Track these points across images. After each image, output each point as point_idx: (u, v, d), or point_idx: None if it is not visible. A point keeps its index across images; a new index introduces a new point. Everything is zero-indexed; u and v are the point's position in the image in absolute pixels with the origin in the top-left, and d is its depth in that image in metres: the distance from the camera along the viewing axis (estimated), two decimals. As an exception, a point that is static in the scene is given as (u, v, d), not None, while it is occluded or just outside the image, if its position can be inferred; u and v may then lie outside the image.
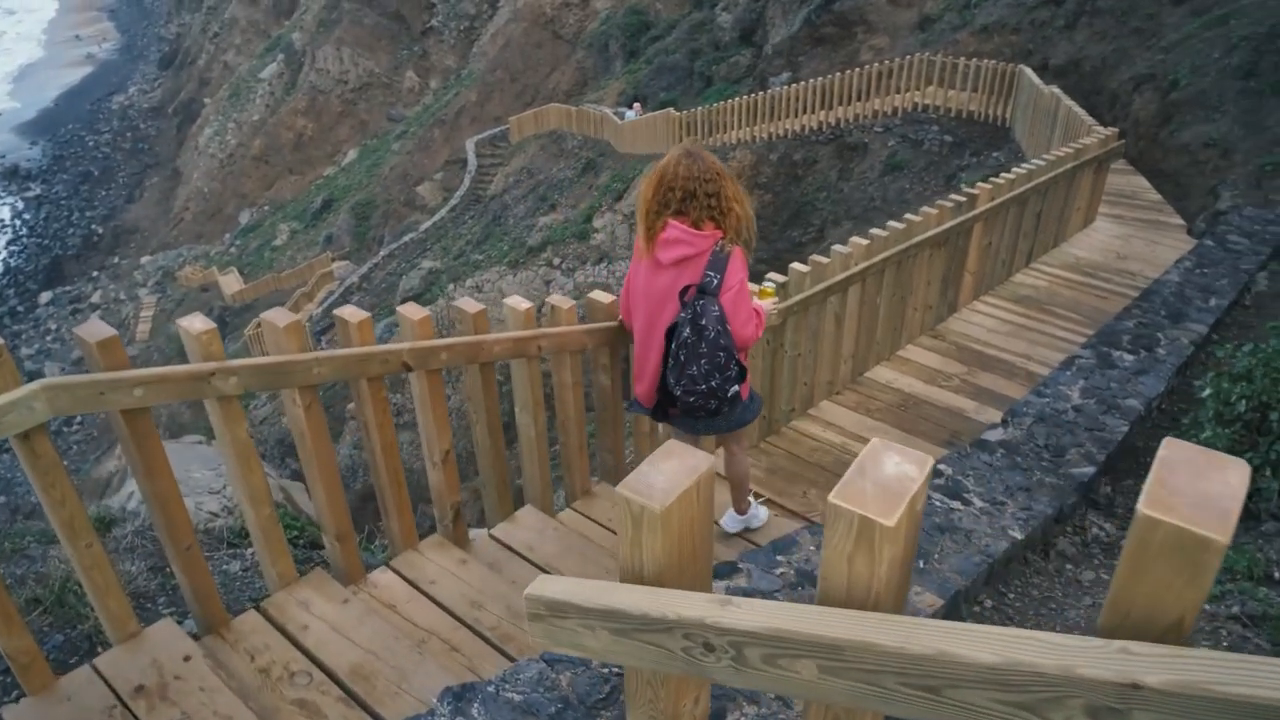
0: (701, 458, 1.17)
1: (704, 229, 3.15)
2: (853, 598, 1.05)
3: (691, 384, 3.20)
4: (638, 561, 1.15)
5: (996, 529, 3.44)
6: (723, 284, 3.15)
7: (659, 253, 3.20)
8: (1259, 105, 9.05)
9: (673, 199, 3.13)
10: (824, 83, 15.43)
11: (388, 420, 3.26)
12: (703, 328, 3.12)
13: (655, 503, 1.07)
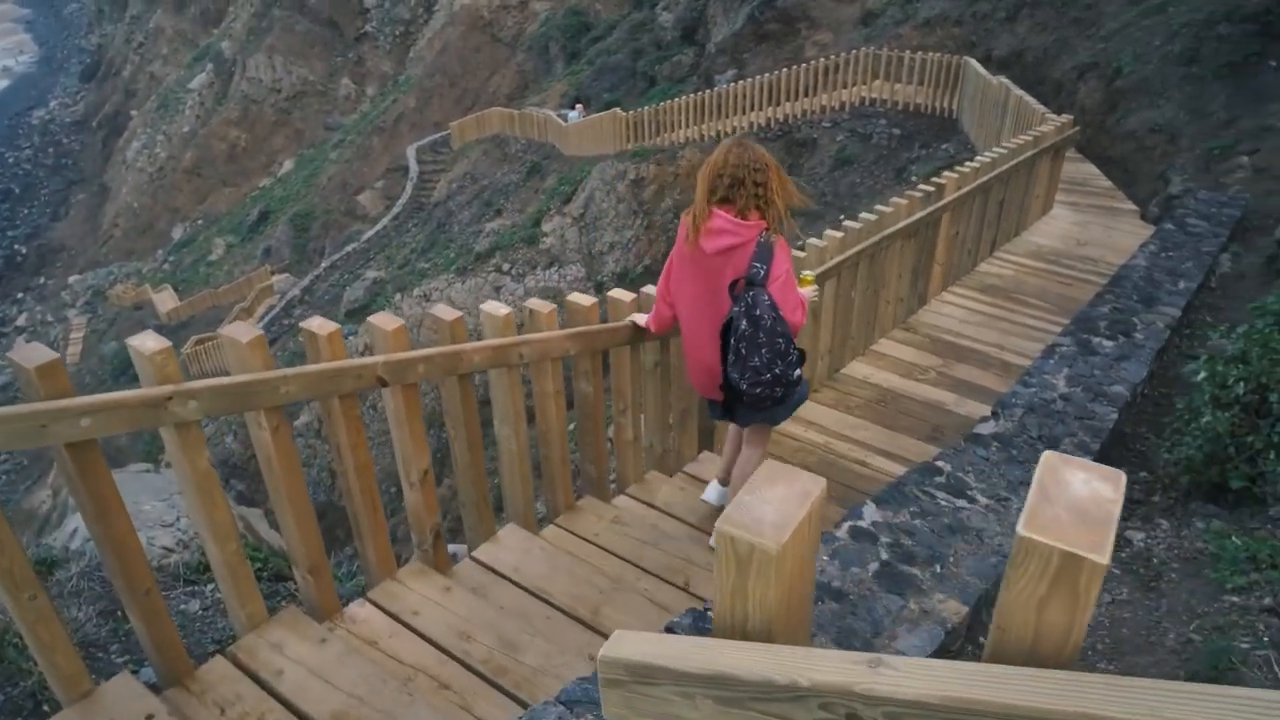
0: (810, 479, 0.98)
1: (749, 218, 3.15)
2: (1040, 653, 0.86)
3: (756, 375, 3.21)
4: (742, 612, 0.95)
5: (1006, 526, 3.30)
6: (769, 274, 3.17)
7: (704, 242, 3.19)
8: (1202, 91, 9.18)
9: (720, 185, 3.16)
10: (771, 79, 15.39)
11: (362, 441, 3.01)
12: (758, 318, 3.13)
13: (769, 540, 0.88)
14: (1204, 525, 3.53)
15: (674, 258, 3.47)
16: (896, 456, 4.98)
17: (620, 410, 4.15)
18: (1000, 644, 0.89)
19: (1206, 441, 3.59)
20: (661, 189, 16.64)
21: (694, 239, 3.24)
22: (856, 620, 2.55)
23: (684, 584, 3.61)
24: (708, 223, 3.18)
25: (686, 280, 3.40)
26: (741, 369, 3.22)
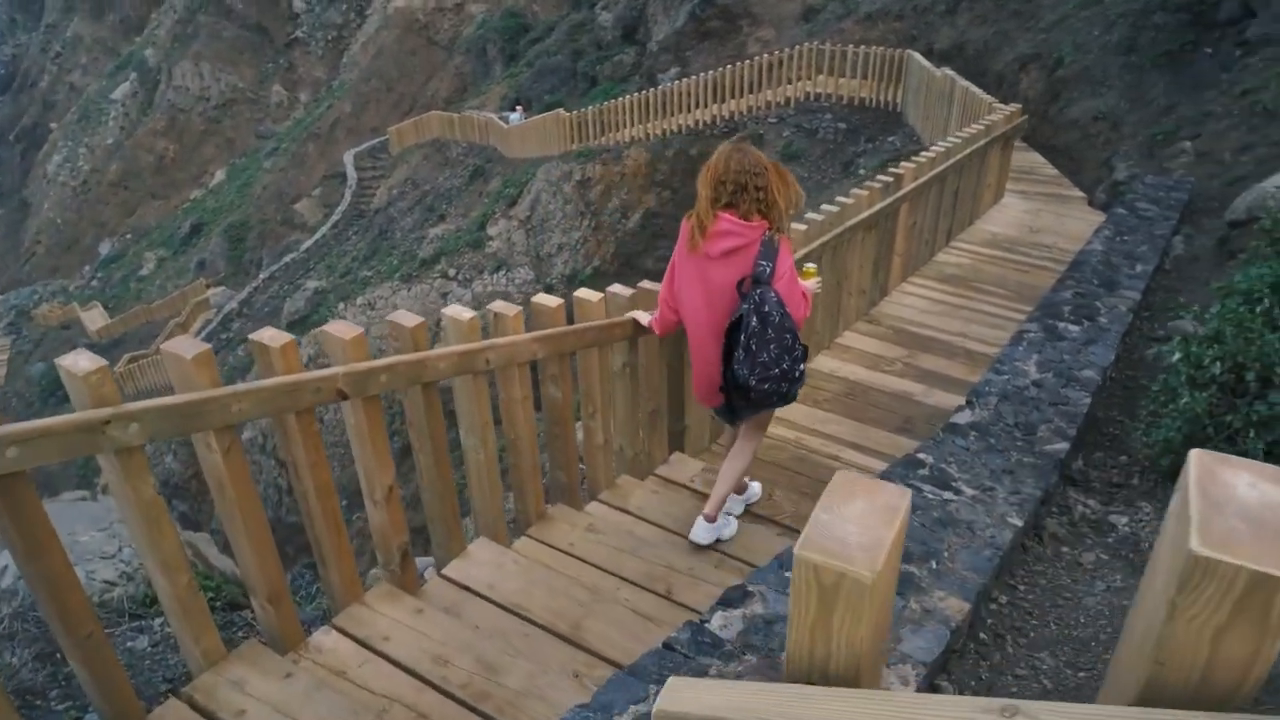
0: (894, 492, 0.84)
1: (752, 220, 3.22)
2: (1211, 692, 0.73)
3: (765, 371, 3.25)
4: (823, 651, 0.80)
5: (995, 517, 3.22)
6: (775, 271, 3.24)
7: (709, 245, 3.27)
8: (1141, 79, 9.33)
9: (724, 192, 3.22)
10: (715, 76, 15.34)
11: (322, 459, 2.80)
12: (766, 314, 3.21)
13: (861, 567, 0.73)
14: (1188, 508, 3.51)
15: (676, 261, 3.50)
16: (868, 450, 4.91)
17: (589, 414, 3.99)
18: (1158, 679, 0.75)
19: (1185, 423, 3.55)
20: (608, 189, 16.49)
21: (699, 243, 3.29)
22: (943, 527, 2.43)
23: (666, 592, 3.46)
24: (713, 226, 3.24)
25: (691, 283, 3.43)
26: (751, 365, 3.25)
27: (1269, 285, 3.83)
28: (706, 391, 3.59)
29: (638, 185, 16.28)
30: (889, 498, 0.82)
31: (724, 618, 2.36)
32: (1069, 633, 2.74)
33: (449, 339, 3.21)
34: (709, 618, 2.37)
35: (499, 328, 3.35)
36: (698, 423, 4.77)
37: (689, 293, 3.46)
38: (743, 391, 3.34)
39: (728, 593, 2.49)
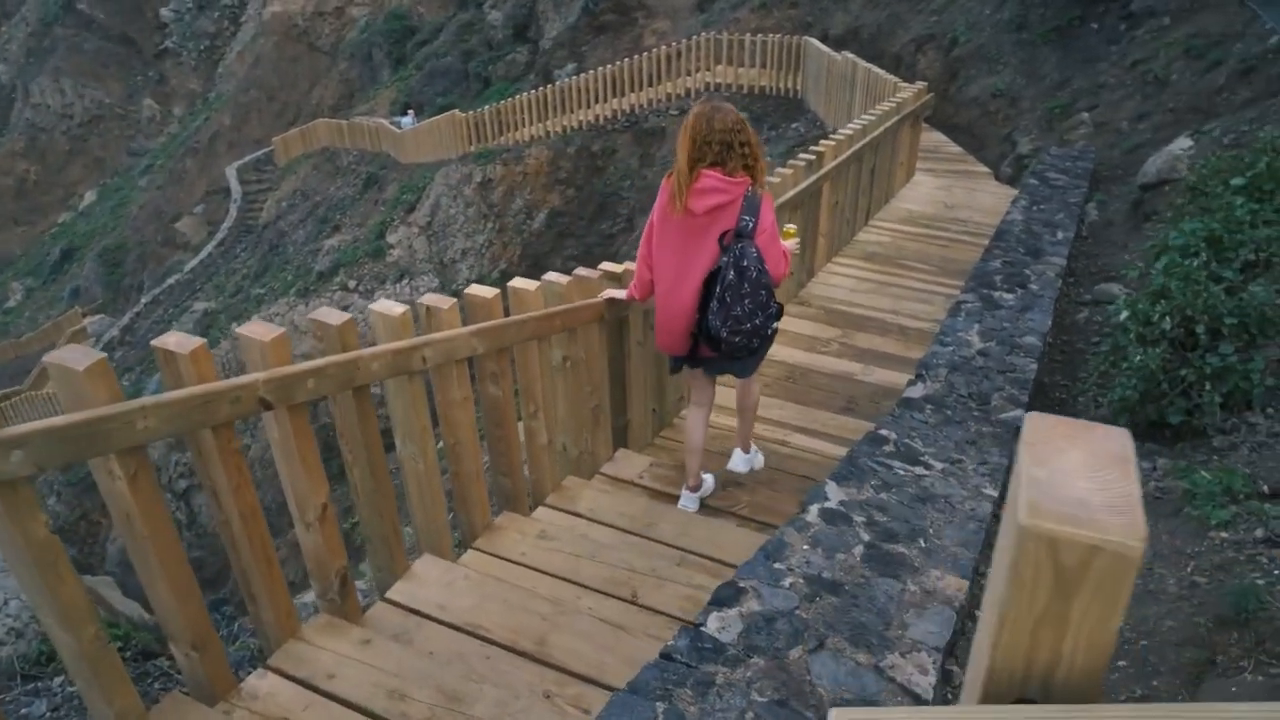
0: (1114, 434, 0.64)
1: (736, 177, 3.25)
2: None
3: (737, 324, 3.30)
4: (1051, 654, 0.57)
5: (970, 489, 3.11)
6: (757, 226, 3.29)
7: (693, 202, 3.26)
8: (1034, 55, 9.57)
9: (709, 152, 3.22)
10: (613, 70, 15.16)
11: (246, 479, 2.46)
12: (744, 269, 3.24)
13: (1122, 537, 0.53)
14: (1149, 465, 3.47)
15: (655, 222, 3.49)
16: (815, 432, 4.78)
17: (531, 413, 3.72)
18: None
19: (1140, 380, 3.53)
20: (511, 189, 16.13)
21: (682, 202, 3.29)
22: (861, 612, 2.25)
23: (631, 596, 3.23)
24: (696, 184, 3.24)
25: (671, 241, 3.44)
26: (724, 317, 3.31)
27: (1203, 239, 3.85)
28: (671, 340, 3.62)
29: (541, 184, 15.97)
30: (1112, 443, 0.62)
31: (720, 619, 2.15)
32: (1065, 602, 2.63)
33: (379, 337, 2.90)
34: (704, 620, 2.15)
35: (433, 322, 3.06)
36: (640, 417, 4.56)
37: (668, 250, 3.46)
38: (714, 342, 3.42)
39: (719, 591, 2.27)
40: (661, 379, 4.66)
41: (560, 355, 3.79)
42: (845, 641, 2.11)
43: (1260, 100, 6.31)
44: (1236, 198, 3.96)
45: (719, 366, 3.69)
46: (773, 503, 4.05)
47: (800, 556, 2.50)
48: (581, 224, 15.70)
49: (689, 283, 3.41)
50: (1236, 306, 3.31)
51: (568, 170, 15.69)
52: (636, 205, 15.06)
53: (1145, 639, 2.31)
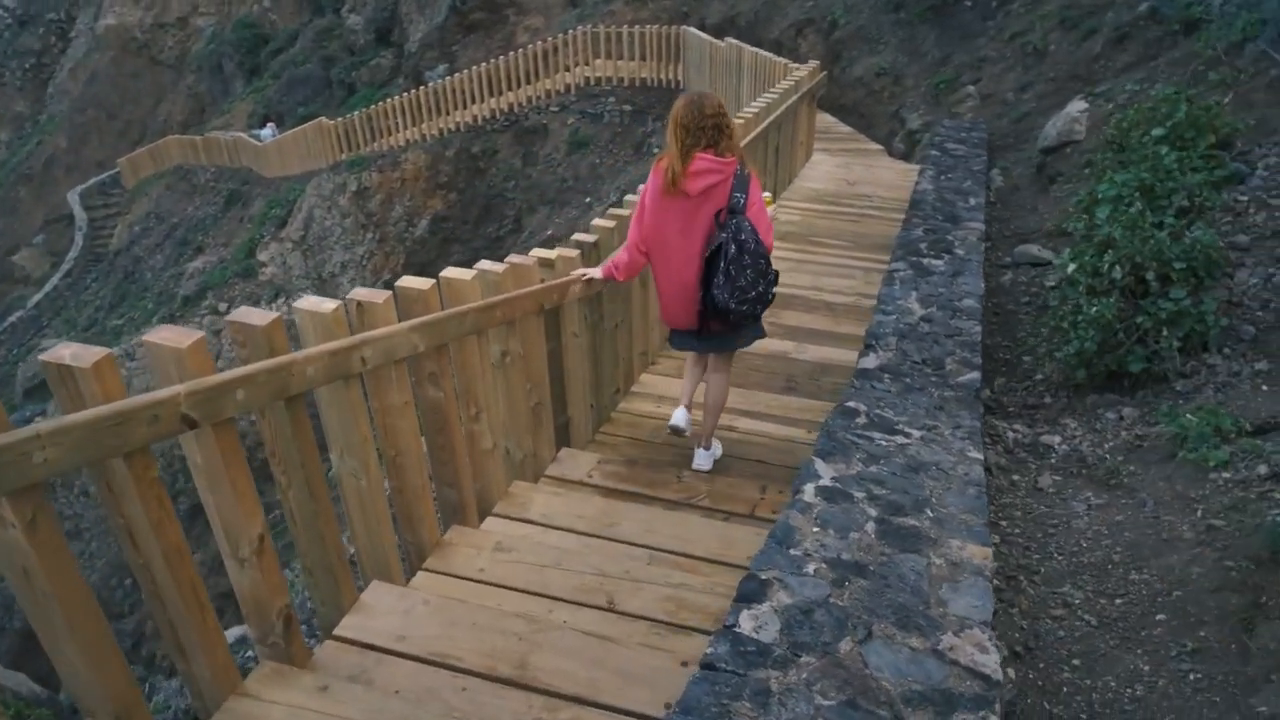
0: None
1: (726, 157, 3.45)
2: None
3: (743, 294, 3.48)
4: None
5: (956, 454, 2.98)
6: (748, 201, 3.49)
7: (689, 184, 3.44)
8: (914, 34, 9.76)
9: (702, 136, 3.40)
10: (488, 69, 14.73)
11: (169, 514, 2.07)
12: (743, 242, 3.45)
13: None
14: (1115, 415, 3.44)
15: (647, 205, 3.64)
16: (760, 415, 4.61)
17: (473, 416, 3.39)
18: None
19: (1097, 330, 3.49)
20: (390, 197, 15.47)
21: (678, 185, 3.45)
22: (896, 593, 2.06)
23: (608, 603, 2.96)
24: (691, 166, 3.42)
25: (668, 222, 3.59)
26: (730, 290, 3.47)
27: (1136, 189, 3.86)
28: (683, 313, 3.76)
29: (421, 190, 15.38)
30: None
31: (754, 617, 1.91)
32: (1078, 559, 2.51)
33: (308, 338, 2.53)
34: (735, 620, 1.90)
35: (366, 319, 2.70)
36: (580, 414, 4.28)
37: (664, 231, 3.62)
38: (722, 315, 3.57)
39: (743, 587, 2.03)
40: (599, 373, 4.40)
41: (499, 351, 3.48)
42: (893, 626, 1.91)
43: (1141, 63, 6.55)
44: (1161, 147, 4.01)
45: (718, 342, 3.85)
46: (733, 490, 3.85)
47: (813, 540, 2.29)
48: (466, 228, 15.21)
49: (690, 260, 3.60)
50: (1184, 251, 3.31)
51: (448, 174, 15.17)
52: (523, 205, 14.70)
53: (1177, 589, 2.20)
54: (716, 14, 13.34)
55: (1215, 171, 3.88)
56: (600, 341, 4.37)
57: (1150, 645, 2.05)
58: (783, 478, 4.05)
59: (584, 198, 13.41)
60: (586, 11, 15.62)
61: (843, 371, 5.02)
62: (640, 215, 3.69)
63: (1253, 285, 3.41)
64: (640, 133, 13.36)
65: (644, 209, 3.66)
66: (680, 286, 3.67)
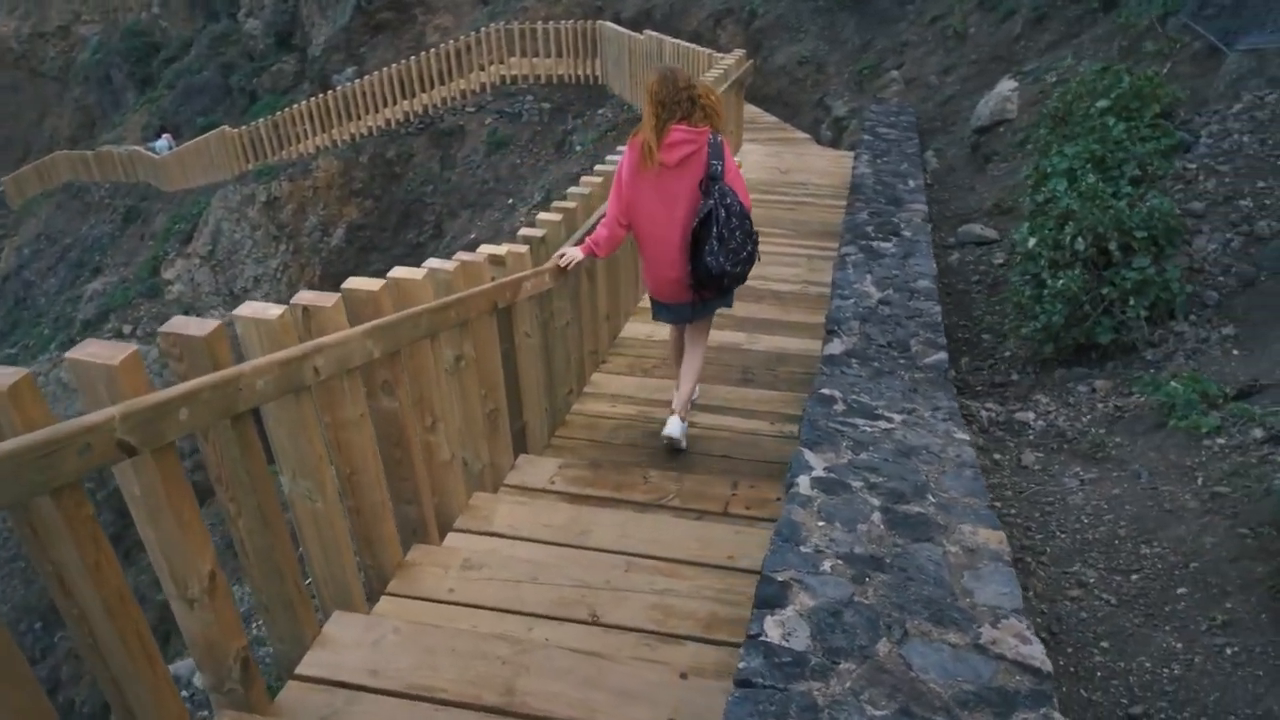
0: None
1: (700, 127, 3.56)
2: None
3: (735, 256, 3.61)
4: None
5: (942, 435, 2.89)
6: (725, 167, 3.61)
7: (666, 156, 3.55)
8: (833, 21, 9.80)
9: (677, 110, 3.51)
10: (399, 70, 14.30)
11: (108, 556, 1.82)
12: (729, 205, 3.57)
13: None
14: (1086, 388, 3.40)
15: (625, 181, 3.73)
16: (719, 409, 4.48)
17: (429, 426, 3.17)
18: None
19: (1063, 304, 3.45)
20: (302, 206, 14.89)
21: (655, 158, 3.55)
22: (920, 586, 1.93)
23: (592, 617, 2.78)
24: (668, 138, 3.52)
25: (649, 194, 3.68)
26: (725, 253, 3.58)
27: (1088, 161, 3.85)
28: (670, 288, 3.85)
29: (335, 197, 14.84)
30: None
31: (779, 623, 1.76)
32: (1083, 536, 2.44)
33: (253, 348, 2.28)
34: (760, 629, 1.75)
35: (314, 326, 2.46)
36: (536, 418, 4.08)
37: (646, 204, 3.70)
38: (715, 279, 3.66)
39: (762, 591, 1.88)
40: (552, 373, 4.20)
41: (453, 355, 3.26)
42: (926, 622, 1.78)
43: (1064, 41, 6.66)
44: (1108, 119, 4.02)
45: (703, 309, 3.95)
46: (703, 488, 3.70)
47: (821, 535, 2.15)
48: (385, 235, 14.75)
49: (675, 228, 3.67)
50: (1144, 220, 3.29)
51: (363, 180, 14.68)
52: (443, 210, 14.32)
53: (1193, 560, 2.14)
54: (631, 7, 13.21)
55: (1163, 141, 3.91)
56: (552, 341, 4.17)
57: (1177, 621, 1.97)
58: (751, 472, 3.93)
59: (506, 199, 13.13)
60: (498, 9, 15.31)
61: (797, 360, 4.94)
62: (618, 190, 3.77)
63: (1212, 251, 3.42)
64: (561, 131, 13.14)
65: (621, 184, 3.75)
66: (668, 256, 3.75)
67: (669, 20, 12.40)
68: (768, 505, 3.52)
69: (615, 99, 12.48)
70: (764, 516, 3.45)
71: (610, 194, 3.85)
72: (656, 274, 3.87)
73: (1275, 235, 3.36)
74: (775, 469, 3.96)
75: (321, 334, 2.46)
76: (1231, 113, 4.06)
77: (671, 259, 3.75)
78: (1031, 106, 5.99)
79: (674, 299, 3.89)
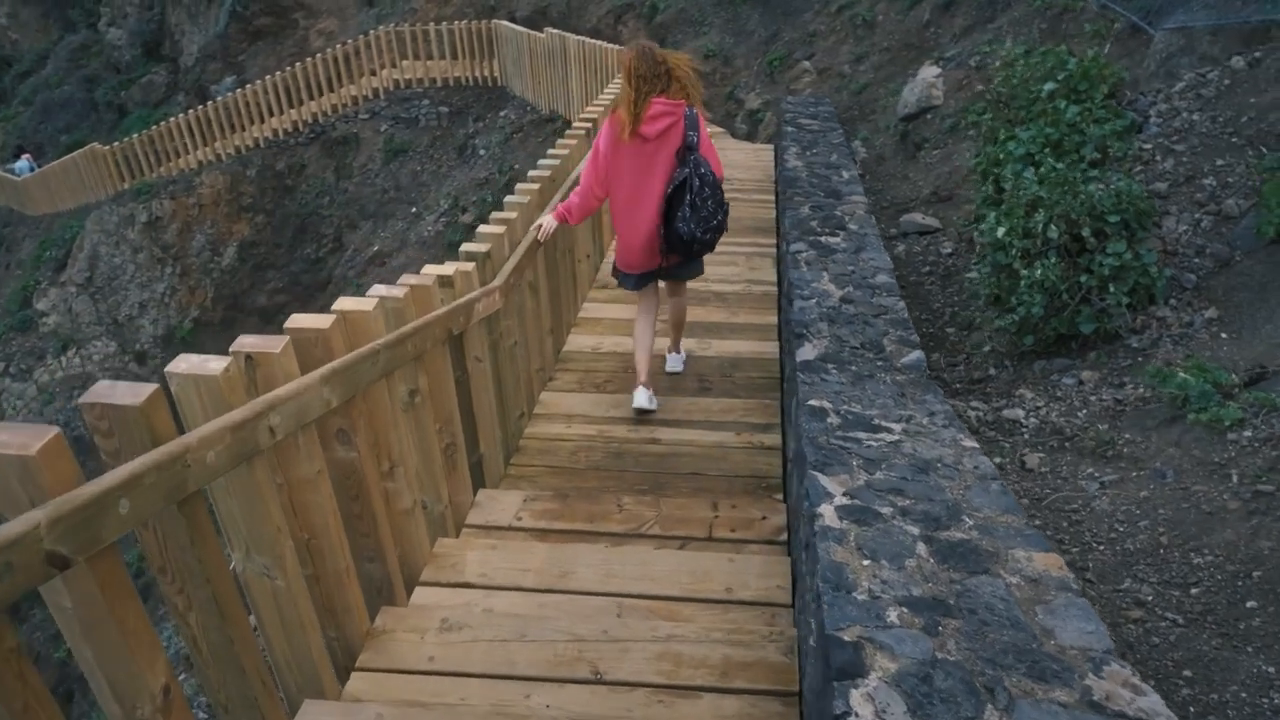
0: None
1: (677, 100, 3.71)
2: None
3: (706, 223, 3.77)
4: None
5: (951, 444, 2.73)
6: (700, 138, 3.75)
7: (646, 128, 3.68)
8: (737, 14, 9.68)
9: (658, 83, 3.66)
10: (284, 78, 13.56)
11: (39, 697, 1.46)
12: (704, 175, 3.71)
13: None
14: (1073, 380, 3.30)
15: (604, 152, 3.84)
16: (681, 422, 4.25)
17: (386, 471, 2.83)
18: None
19: (1041, 295, 3.35)
20: (188, 225, 13.98)
21: (634, 130, 3.68)
22: (997, 631, 1.74)
23: (595, 674, 2.51)
24: (648, 111, 3.66)
25: (627, 165, 3.82)
26: (697, 220, 3.75)
27: (1044, 145, 3.77)
28: (640, 257, 4.00)
29: (223, 214, 13.99)
30: None
31: (868, 698, 1.53)
32: (1123, 547, 2.30)
33: (193, 412, 1.92)
34: (848, 706, 1.51)
35: (264, 375, 2.11)
36: (492, 448, 3.76)
37: (625, 174, 3.84)
38: (687, 245, 3.84)
39: (836, 657, 1.65)
40: (504, 397, 3.89)
41: (407, 391, 2.92)
42: (1024, 678, 1.58)
43: (978, 27, 6.68)
44: (1059, 102, 3.95)
45: (674, 273, 4.13)
46: (682, 511, 3.46)
47: (870, 576, 1.94)
48: (280, 252, 13.99)
49: (651, 198, 3.82)
50: (1114, 203, 3.21)
51: (252, 194, 13.88)
52: (342, 222, 13.67)
53: (1254, 568, 2.01)
54: (526, 5, 12.84)
55: (1116, 122, 3.86)
56: (501, 363, 3.86)
57: (1258, 640, 1.84)
58: (726, 489, 3.72)
59: (409, 208, 12.62)
60: (385, 10, 14.69)
61: (753, 365, 4.75)
62: (595, 161, 3.89)
63: (1183, 232, 3.38)
64: (462, 134, 12.68)
65: (599, 155, 3.87)
66: (645, 225, 3.89)
67: (566, 18, 12.10)
68: (754, 525, 3.31)
69: (517, 100, 12.11)
70: (752, 539, 3.25)
71: (586, 164, 4.00)
72: (630, 241, 3.99)
73: (1244, 213, 3.34)
74: (751, 484, 3.76)
75: (271, 385, 2.11)
76: (1175, 91, 4.06)
77: (647, 226, 3.89)
78: (957, 92, 5.97)
79: (644, 266, 4.05)
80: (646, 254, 3.96)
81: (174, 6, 18.17)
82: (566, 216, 4.06)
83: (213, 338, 13.81)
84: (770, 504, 3.46)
